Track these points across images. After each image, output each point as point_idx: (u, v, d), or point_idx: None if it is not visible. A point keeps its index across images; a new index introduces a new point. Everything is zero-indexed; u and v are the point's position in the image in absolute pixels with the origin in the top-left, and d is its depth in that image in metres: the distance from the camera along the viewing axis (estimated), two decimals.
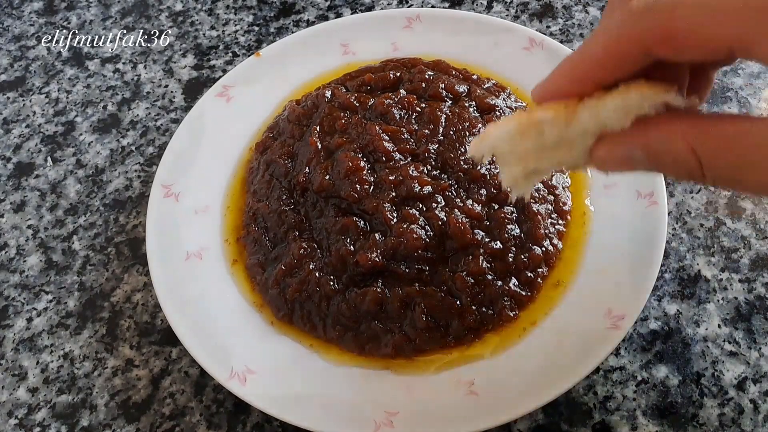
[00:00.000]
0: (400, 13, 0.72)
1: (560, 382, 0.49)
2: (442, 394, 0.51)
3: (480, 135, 0.38)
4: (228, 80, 0.69)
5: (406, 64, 0.69)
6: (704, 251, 0.59)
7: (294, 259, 0.57)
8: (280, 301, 0.57)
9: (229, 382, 0.52)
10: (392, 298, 0.55)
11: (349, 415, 0.51)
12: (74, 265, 0.65)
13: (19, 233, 0.67)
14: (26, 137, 0.74)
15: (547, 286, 0.56)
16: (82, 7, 0.85)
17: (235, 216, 0.63)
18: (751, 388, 0.52)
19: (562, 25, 0.76)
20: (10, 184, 0.71)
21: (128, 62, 0.79)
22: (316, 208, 0.60)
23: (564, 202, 0.60)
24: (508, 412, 0.49)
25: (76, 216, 0.68)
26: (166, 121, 0.74)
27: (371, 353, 0.54)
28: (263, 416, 0.54)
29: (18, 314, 0.62)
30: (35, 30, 0.84)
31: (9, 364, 0.59)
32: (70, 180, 0.71)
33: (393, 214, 0.56)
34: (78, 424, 0.56)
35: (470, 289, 0.54)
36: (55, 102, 0.77)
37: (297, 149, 0.64)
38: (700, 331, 0.55)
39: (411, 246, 0.55)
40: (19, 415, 0.57)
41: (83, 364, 0.59)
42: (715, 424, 0.51)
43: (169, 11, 0.84)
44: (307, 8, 0.81)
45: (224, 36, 0.80)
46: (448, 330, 0.54)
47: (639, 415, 0.52)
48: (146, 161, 0.71)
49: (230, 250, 0.61)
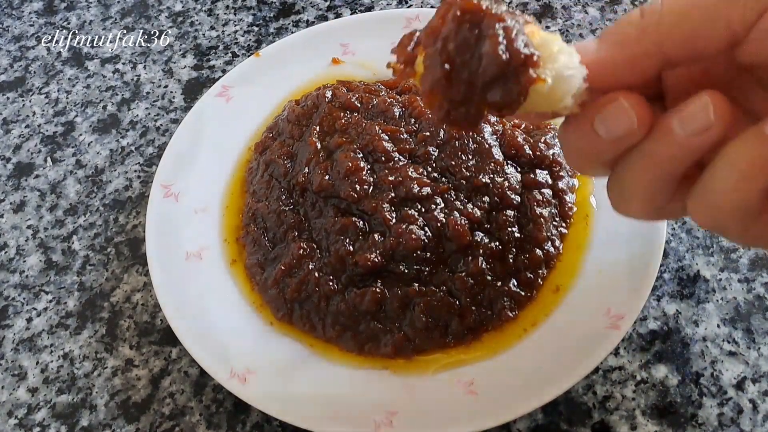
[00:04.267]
0: (399, 14, 0.72)
1: (560, 381, 0.49)
2: (442, 394, 0.51)
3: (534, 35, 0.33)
4: (228, 80, 0.69)
5: None
6: (703, 251, 0.59)
7: (293, 259, 0.57)
8: (279, 301, 0.57)
9: (228, 382, 0.52)
10: (391, 298, 0.55)
11: (348, 415, 0.51)
12: (74, 265, 0.65)
13: (19, 233, 0.67)
14: (26, 137, 0.74)
15: (547, 290, 0.56)
16: (82, 8, 0.86)
17: (234, 216, 0.63)
18: (751, 387, 0.52)
19: (562, 25, 0.76)
20: (9, 185, 0.71)
21: (128, 62, 0.80)
22: (316, 208, 0.60)
23: (570, 206, 0.59)
24: (508, 412, 0.49)
25: (76, 216, 0.68)
26: (165, 122, 0.74)
27: (371, 353, 0.54)
28: (263, 416, 0.54)
29: (18, 314, 0.62)
30: (35, 30, 0.84)
31: (9, 364, 0.59)
32: (70, 180, 0.71)
33: (392, 214, 0.56)
34: (78, 424, 0.56)
35: (470, 290, 0.54)
36: (54, 102, 0.77)
37: (296, 149, 0.64)
38: (700, 330, 0.55)
39: (410, 246, 0.55)
40: (19, 415, 0.57)
41: (83, 364, 0.59)
42: (714, 423, 0.51)
43: (168, 11, 0.84)
44: (306, 8, 0.81)
45: (224, 36, 0.80)
46: (448, 330, 0.54)
47: (638, 415, 0.52)
48: (146, 161, 0.71)
49: (229, 250, 0.61)
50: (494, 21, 0.31)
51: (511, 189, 0.58)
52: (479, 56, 0.31)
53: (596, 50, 0.33)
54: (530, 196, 0.58)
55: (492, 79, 0.31)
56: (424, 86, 0.33)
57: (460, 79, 0.32)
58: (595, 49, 0.33)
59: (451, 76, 0.32)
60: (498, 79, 0.31)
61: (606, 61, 0.32)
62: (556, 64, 0.32)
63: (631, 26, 0.32)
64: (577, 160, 0.37)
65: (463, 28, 0.32)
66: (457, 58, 0.32)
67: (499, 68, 0.31)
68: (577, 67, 0.32)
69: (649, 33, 0.31)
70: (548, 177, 0.60)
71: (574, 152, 0.36)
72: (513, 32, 0.31)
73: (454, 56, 0.32)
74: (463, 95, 0.32)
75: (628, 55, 0.32)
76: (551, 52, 0.32)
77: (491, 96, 0.32)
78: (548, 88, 0.32)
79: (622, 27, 0.32)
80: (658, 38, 0.31)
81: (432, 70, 0.32)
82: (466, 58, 0.32)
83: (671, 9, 0.31)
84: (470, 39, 0.32)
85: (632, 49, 0.32)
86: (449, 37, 0.32)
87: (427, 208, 0.57)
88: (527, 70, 0.31)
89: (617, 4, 0.77)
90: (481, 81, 0.31)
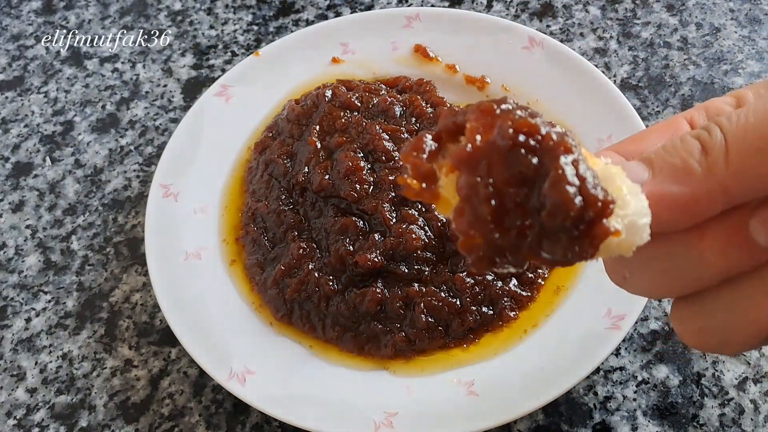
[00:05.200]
0: (399, 13, 0.72)
1: (560, 382, 0.49)
2: (442, 394, 0.51)
3: None
4: (227, 80, 0.69)
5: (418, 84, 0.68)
6: None
7: (293, 259, 0.57)
8: (279, 301, 0.57)
9: (228, 382, 0.52)
10: (392, 298, 0.54)
11: (348, 415, 0.50)
12: (73, 265, 0.64)
13: (18, 233, 0.67)
14: (25, 137, 0.74)
15: (548, 290, 0.56)
16: (81, 7, 0.85)
17: (233, 216, 0.63)
18: (752, 388, 0.52)
19: (563, 25, 0.76)
20: (8, 184, 0.71)
21: (127, 62, 0.79)
22: (316, 208, 0.59)
23: None
24: (508, 412, 0.49)
25: (75, 216, 0.68)
26: (164, 121, 0.74)
27: (371, 353, 0.54)
28: (262, 416, 0.54)
29: (16, 314, 0.62)
30: (34, 29, 0.84)
31: (8, 364, 0.59)
32: (69, 180, 0.70)
33: (392, 214, 0.56)
34: (77, 424, 0.56)
35: (470, 290, 0.54)
36: (53, 101, 0.77)
37: (296, 149, 0.64)
38: None
39: (410, 246, 0.54)
40: (18, 415, 0.56)
41: (82, 365, 0.59)
42: (716, 424, 0.51)
43: (168, 10, 0.83)
44: (306, 7, 0.81)
45: (223, 35, 0.80)
46: (448, 330, 0.54)
47: (639, 416, 0.52)
48: (145, 161, 0.71)
49: (229, 250, 0.61)
50: (559, 150, 0.24)
51: None
52: (539, 196, 0.24)
53: (651, 183, 0.27)
54: None
55: (556, 230, 0.24)
56: (461, 224, 0.25)
57: (511, 224, 0.24)
58: (649, 181, 0.28)
59: (499, 219, 0.24)
60: (563, 230, 0.24)
61: (665, 200, 0.27)
62: (627, 210, 0.25)
63: (695, 161, 0.27)
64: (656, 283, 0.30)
65: (518, 155, 0.24)
66: (508, 195, 0.24)
67: (570, 217, 0.23)
68: (648, 213, 0.26)
69: (716, 174, 0.27)
70: None
71: (659, 275, 0.30)
72: (582, 168, 0.24)
73: (504, 192, 0.24)
74: (511, 243, 0.24)
75: (689, 196, 0.27)
76: (620, 193, 0.25)
77: (548, 249, 0.24)
78: (619, 241, 0.25)
79: (683, 160, 0.27)
80: (726, 181, 0.27)
81: (473, 205, 0.25)
82: (520, 197, 0.24)
83: (739, 149, 0.27)
84: (527, 171, 0.24)
85: (695, 190, 0.27)
86: (497, 164, 0.24)
87: (428, 207, 0.56)
88: (602, 221, 0.24)
89: (618, 3, 0.77)
90: (539, 229, 0.24)
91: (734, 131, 0.27)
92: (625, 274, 0.32)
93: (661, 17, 0.75)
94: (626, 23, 0.75)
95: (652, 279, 0.30)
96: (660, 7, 0.76)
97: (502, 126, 0.24)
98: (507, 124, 0.24)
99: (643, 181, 0.27)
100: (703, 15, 0.74)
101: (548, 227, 0.24)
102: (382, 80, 0.69)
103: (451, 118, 0.26)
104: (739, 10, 0.74)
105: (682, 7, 0.75)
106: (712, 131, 0.27)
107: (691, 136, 0.28)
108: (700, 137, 0.27)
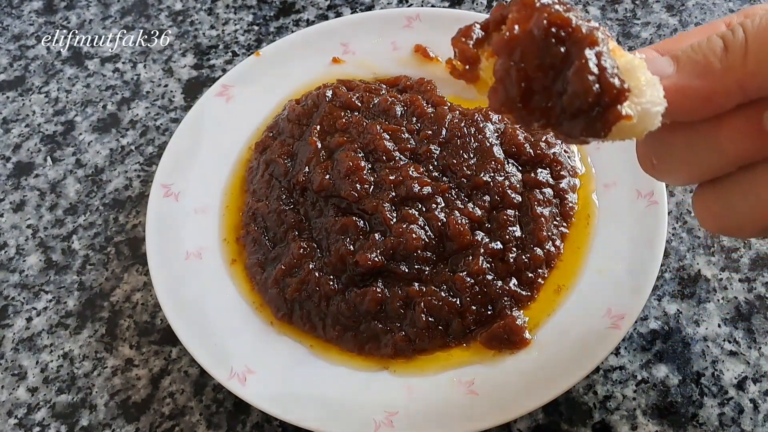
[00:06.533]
0: (399, 13, 0.72)
1: (560, 381, 0.49)
2: (442, 394, 0.51)
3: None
4: (228, 80, 0.69)
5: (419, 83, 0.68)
6: (704, 251, 0.59)
7: (293, 258, 0.57)
8: (279, 300, 0.57)
9: (228, 381, 0.52)
10: (392, 297, 0.54)
11: (349, 415, 0.51)
12: (74, 264, 0.65)
13: (19, 233, 0.67)
14: (26, 137, 0.74)
15: (548, 290, 0.56)
16: (82, 7, 0.85)
17: (234, 215, 0.63)
18: (751, 387, 0.52)
19: None
20: (9, 184, 0.71)
21: (128, 62, 0.79)
22: (316, 208, 0.60)
23: (571, 206, 0.59)
24: (508, 412, 0.49)
25: (76, 216, 0.68)
26: (165, 121, 0.74)
27: (371, 353, 0.54)
28: (263, 416, 0.54)
29: (17, 314, 0.62)
30: (35, 29, 0.84)
31: (8, 363, 0.59)
32: (70, 179, 0.70)
33: (392, 214, 0.56)
34: (78, 423, 0.56)
35: (470, 289, 0.54)
36: (54, 101, 0.77)
37: (297, 149, 0.64)
38: (700, 330, 0.55)
39: (410, 246, 0.55)
40: (19, 414, 0.57)
41: (83, 364, 0.59)
42: (715, 423, 0.51)
43: (168, 11, 0.83)
44: (306, 8, 0.81)
45: (224, 35, 0.80)
46: (449, 330, 0.54)
47: (639, 415, 0.52)
48: (146, 161, 0.71)
49: (229, 249, 0.61)
50: (585, 43, 0.27)
51: (512, 188, 0.58)
52: (564, 81, 0.28)
53: (675, 77, 0.31)
54: (531, 196, 0.58)
55: (575, 112, 0.28)
56: (494, 102, 0.29)
57: (537, 104, 0.28)
58: (673, 75, 0.31)
59: (527, 99, 0.28)
60: (582, 112, 0.28)
61: (686, 92, 0.30)
62: (642, 98, 0.28)
63: (715, 58, 0.30)
64: (679, 169, 0.34)
65: (549, 45, 0.28)
66: (537, 79, 0.28)
67: (587, 102, 0.27)
68: (662, 102, 0.29)
69: (734, 71, 0.30)
70: (549, 176, 0.60)
71: (681, 162, 0.33)
72: (604, 59, 0.27)
73: (533, 76, 0.28)
74: (536, 119, 0.29)
75: (708, 90, 0.30)
76: (638, 83, 0.29)
77: (567, 126, 0.28)
78: (631, 125, 0.28)
79: (705, 57, 0.30)
80: (743, 78, 0.30)
81: (505, 86, 0.28)
82: (547, 81, 0.28)
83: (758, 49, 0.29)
84: (556, 59, 0.28)
85: (714, 85, 0.30)
86: (530, 52, 0.28)
87: (428, 207, 0.57)
88: (615, 106, 0.28)
89: (618, 3, 0.77)
90: (560, 110, 0.28)
91: (754, 32, 0.30)
92: (653, 160, 0.35)
93: (660, 17, 0.75)
94: (626, 23, 0.75)
95: (675, 165, 0.33)
96: (660, 8, 0.76)
97: (538, 18, 0.28)
98: (543, 17, 0.28)
99: (668, 74, 0.31)
100: (703, 15, 0.75)
101: (569, 108, 0.28)
102: (383, 80, 0.69)
103: (499, 11, 0.30)
104: (738, 10, 0.74)
105: (682, 7, 0.75)
106: (736, 31, 0.30)
107: (718, 35, 0.31)
108: (724, 37, 0.30)
